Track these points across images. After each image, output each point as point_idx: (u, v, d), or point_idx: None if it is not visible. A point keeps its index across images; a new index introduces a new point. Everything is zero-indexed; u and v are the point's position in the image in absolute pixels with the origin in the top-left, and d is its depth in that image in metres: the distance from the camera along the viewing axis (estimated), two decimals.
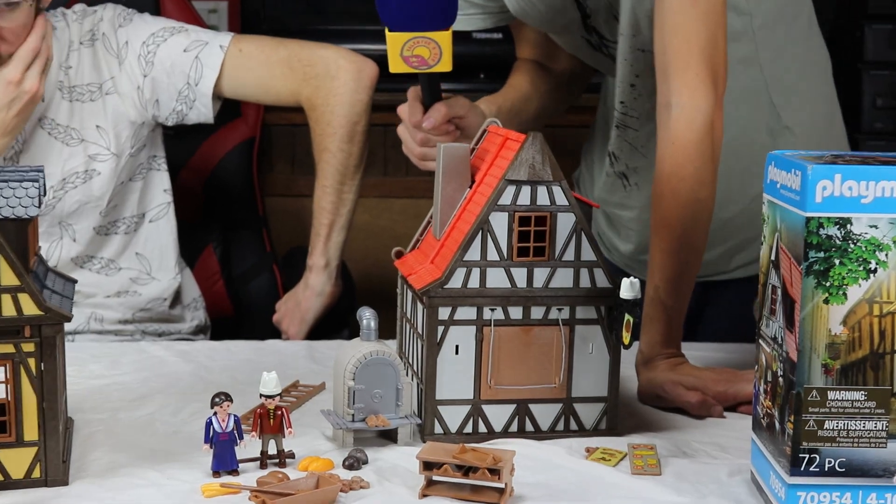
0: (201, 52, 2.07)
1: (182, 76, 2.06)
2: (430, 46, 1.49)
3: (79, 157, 2.05)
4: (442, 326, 1.39)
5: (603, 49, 1.94)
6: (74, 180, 2.05)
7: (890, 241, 1.11)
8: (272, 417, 1.30)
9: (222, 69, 2.07)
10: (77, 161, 2.05)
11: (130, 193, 2.15)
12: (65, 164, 2.04)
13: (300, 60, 2.10)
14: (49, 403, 1.22)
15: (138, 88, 2.07)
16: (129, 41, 2.07)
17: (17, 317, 1.20)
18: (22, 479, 1.22)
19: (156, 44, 2.07)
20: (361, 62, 2.10)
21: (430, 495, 1.22)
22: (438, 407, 1.40)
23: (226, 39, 2.10)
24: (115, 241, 2.15)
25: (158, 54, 2.06)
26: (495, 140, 1.49)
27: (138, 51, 2.06)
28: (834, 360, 1.13)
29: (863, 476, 1.14)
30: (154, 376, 1.66)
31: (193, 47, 2.07)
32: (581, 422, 1.43)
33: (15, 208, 1.23)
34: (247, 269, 2.45)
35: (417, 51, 1.48)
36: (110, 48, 2.07)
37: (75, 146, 2.05)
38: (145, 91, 2.07)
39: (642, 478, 1.29)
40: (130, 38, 2.07)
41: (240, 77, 2.10)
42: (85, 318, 2.09)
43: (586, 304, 1.41)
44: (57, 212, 2.05)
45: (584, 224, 1.40)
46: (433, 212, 1.51)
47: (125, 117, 2.08)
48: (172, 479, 1.26)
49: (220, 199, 2.50)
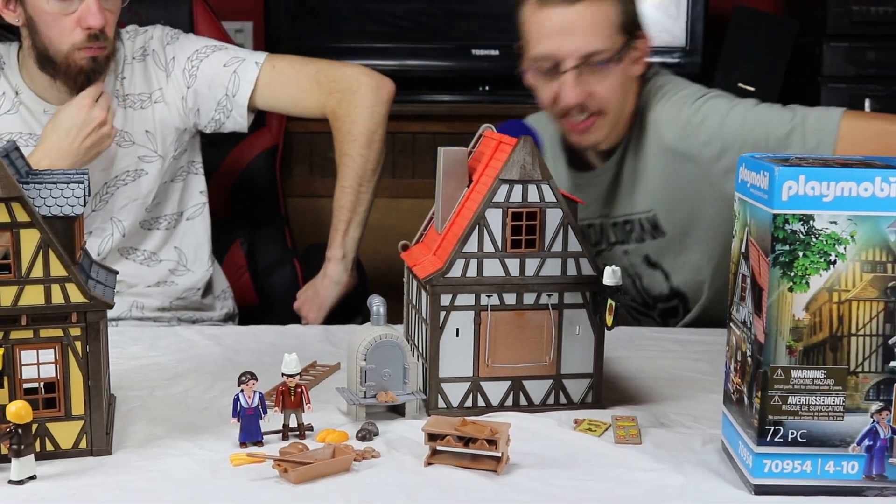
0: (239, 67, 2.08)
1: (221, 88, 2.07)
2: None
3: (130, 158, 2.06)
4: (444, 312, 1.38)
5: None
6: (125, 178, 2.06)
7: (848, 236, 1.10)
8: (293, 394, 1.29)
9: (257, 83, 2.08)
10: (128, 161, 2.06)
11: (172, 193, 2.15)
12: (118, 163, 2.05)
13: (326, 76, 2.10)
14: (94, 382, 1.22)
15: (182, 98, 2.07)
16: (176, 57, 2.08)
17: (65, 304, 1.19)
18: (70, 449, 1.23)
19: (199, 59, 2.07)
20: (379, 79, 2.11)
21: (434, 463, 1.22)
22: (442, 384, 1.39)
23: (261, 57, 2.11)
24: (157, 236, 2.15)
25: (201, 68, 2.07)
26: (490, 144, 1.48)
27: (183, 65, 2.07)
28: (797, 342, 1.12)
29: (822, 446, 1.14)
30: (187, 357, 1.66)
31: (232, 63, 2.08)
32: (569, 396, 1.43)
33: (63, 207, 1.22)
34: (270, 263, 2.45)
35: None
36: (159, 63, 2.07)
37: (127, 148, 2.06)
38: (188, 101, 2.07)
39: (625, 446, 1.29)
40: (177, 54, 2.08)
41: (272, 90, 2.10)
42: (128, 306, 2.09)
43: (573, 290, 1.41)
44: (109, 206, 2.06)
45: (570, 218, 1.39)
46: (435, 209, 1.50)
47: (170, 124, 2.08)
48: (204, 450, 1.26)
49: (246, 199, 2.51)
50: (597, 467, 1.22)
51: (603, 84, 1.74)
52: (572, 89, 1.72)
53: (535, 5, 1.74)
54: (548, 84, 1.76)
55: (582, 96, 1.74)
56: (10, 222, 1.16)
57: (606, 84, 1.74)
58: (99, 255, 2.06)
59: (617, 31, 1.73)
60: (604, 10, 1.72)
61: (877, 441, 1.13)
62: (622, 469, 1.22)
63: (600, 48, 1.71)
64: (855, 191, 1.09)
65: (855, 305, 1.11)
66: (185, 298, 2.17)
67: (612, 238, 2.01)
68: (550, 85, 1.76)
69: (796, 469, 1.14)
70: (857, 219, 1.10)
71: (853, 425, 1.13)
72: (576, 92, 1.73)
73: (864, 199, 1.09)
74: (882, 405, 1.13)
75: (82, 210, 1.24)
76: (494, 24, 3.05)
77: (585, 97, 1.75)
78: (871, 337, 1.12)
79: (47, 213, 1.21)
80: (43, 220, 1.18)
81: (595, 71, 1.73)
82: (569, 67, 1.71)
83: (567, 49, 1.70)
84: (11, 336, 1.18)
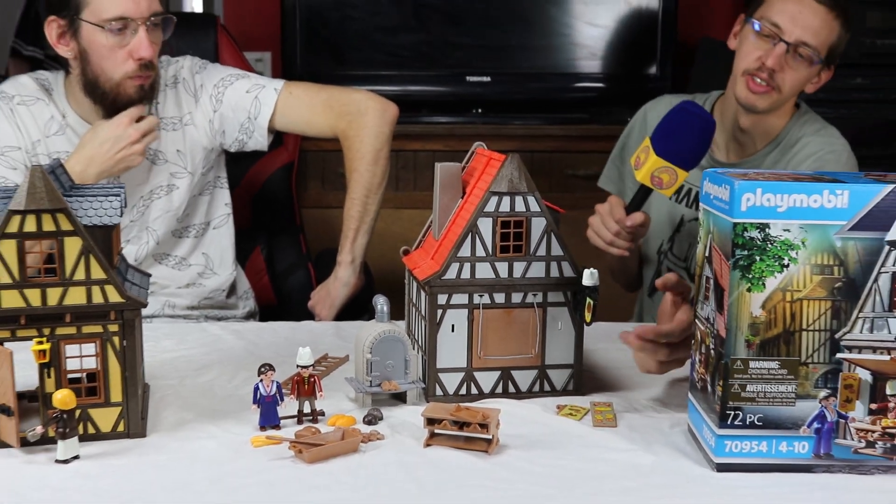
0: (260, 93, 2.08)
1: (244, 112, 2.07)
2: (671, 175, 1.51)
3: (163, 175, 2.06)
4: (441, 310, 1.38)
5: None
6: (160, 192, 2.06)
7: (799, 242, 1.10)
8: (307, 383, 1.29)
9: (276, 107, 2.08)
10: (162, 177, 2.06)
11: (200, 205, 2.15)
12: (153, 179, 2.06)
13: (337, 101, 2.10)
14: (130, 372, 1.22)
15: (210, 121, 2.07)
16: (204, 84, 2.08)
17: (104, 303, 1.20)
18: (109, 431, 1.23)
19: (224, 86, 2.07)
20: (385, 103, 2.11)
21: (432, 445, 1.22)
22: (439, 374, 1.39)
23: (279, 84, 2.11)
24: (187, 243, 2.14)
25: (226, 94, 2.07)
26: (481, 160, 1.48)
27: (210, 92, 2.07)
28: (754, 337, 1.12)
29: (776, 428, 1.14)
30: (213, 351, 1.65)
31: (254, 90, 2.08)
32: (552, 384, 1.43)
33: (102, 217, 1.23)
34: (287, 267, 2.44)
35: (663, 175, 1.50)
36: (189, 90, 2.07)
37: (161, 165, 2.05)
38: (215, 123, 2.07)
39: (602, 429, 1.29)
40: (205, 81, 2.08)
41: (289, 114, 2.10)
42: (161, 305, 2.09)
43: (556, 290, 1.41)
44: (145, 217, 2.06)
45: (552, 226, 1.39)
46: (432, 218, 1.50)
47: (199, 144, 2.08)
48: (227, 433, 1.26)
49: (266, 210, 2.50)
50: (577, 448, 1.23)
51: (794, 71, 1.83)
52: (778, 57, 1.81)
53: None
54: (759, 44, 1.84)
55: (778, 67, 1.82)
56: (56, 231, 1.16)
57: (796, 73, 1.84)
58: (136, 261, 2.06)
59: (826, 47, 1.84)
60: (832, 25, 1.83)
61: (824, 424, 1.14)
62: (600, 449, 1.22)
63: (813, 45, 1.81)
64: (806, 202, 1.10)
65: (806, 304, 1.12)
66: (212, 298, 2.17)
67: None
68: (761, 45, 1.84)
69: (753, 449, 1.15)
70: (807, 227, 1.10)
71: (804, 410, 1.14)
72: (779, 60, 1.82)
73: (814, 210, 1.10)
74: (829, 392, 1.13)
75: (119, 220, 1.24)
76: (486, 53, 3.05)
77: (779, 69, 1.83)
78: (820, 332, 1.12)
79: (88, 222, 1.22)
80: (84, 228, 1.18)
81: (796, 58, 1.82)
82: (787, 41, 1.80)
83: (794, 29, 1.80)
84: (57, 332, 1.19)
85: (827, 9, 1.81)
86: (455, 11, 3.03)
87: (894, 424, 1.13)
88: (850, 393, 1.13)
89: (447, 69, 3.04)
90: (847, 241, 1.10)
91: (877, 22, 2.93)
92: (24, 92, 2.01)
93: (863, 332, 1.12)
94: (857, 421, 1.14)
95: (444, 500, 1.08)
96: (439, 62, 3.05)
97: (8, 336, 1.18)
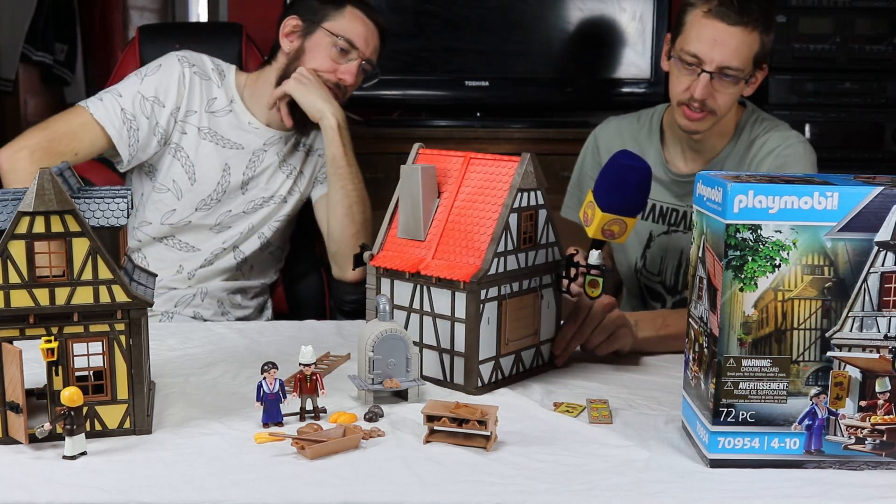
0: None
1: None
2: (621, 225, 1.54)
3: (286, 186, 2.17)
4: (481, 305, 1.39)
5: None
6: (277, 199, 2.17)
7: (791, 243, 1.10)
8: (309, 381, 1.29)
9: None
10: (284, 188, 2.17)
11: (288, 230, 2.26)
12: (275, 186, 2.16)
13: None
14: (136, 370, 1.22)
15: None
16: None
17: (111, 303, 1.19)
18: (116, 428, 1.22)
19: None
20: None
21: (432, 441, 1.22)
22: (479, 366, 1.41)
23: None
24: (262, 256, 2.23)
25: None
26: (448, 161, 1.51)
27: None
28: (747, 336, 1.12)
29: (768, 425, 1.14)
30: (217, 349, 1.65)
31: None
32: (543, 358, 1.50)
33: (109, 219, 1.22)
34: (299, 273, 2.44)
35: (613, 227, 1.54)
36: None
37: (290, 178, 2.18)
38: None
39: (598, 426, 1.29)
40: None
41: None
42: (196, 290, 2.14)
43: (546, 273, 1.49)
44: (252, 217, 2.16)
45: (551, 216, 1.47)
46: (401, 218, 1.50)
47: (313, 176, 2.22)
48: (231, 429, 1.26)
49: None
50: (573, 444, 1.22)
51: (724, 93, 1.83)
52: (704, 87, 1.81)
53: (704, 14, 1.80)
54: (685, 75, 1.84)
55: (707, 95, 1.82)
56: (64, 232, 1.16)
57: (727, 94, 1.83)
58: (225, 242, 2.15)
59: (751, 59, 1.82)
60: (750, 40, 1.80)
61: (815, 421, 1.13)
62: (595, 445, 1.22)
63: (737, 67, 1.80)
64: (797, 204, 1.10)
65: (797, 303, 1.12)
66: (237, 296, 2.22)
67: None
68: (687, 76, 1.84)
69: (746, 445, 1.15)
70: (798, 228, 1.10)
71: (795, 407, 1.13)
72: (706, 91, 1.81)
73: (805, 211, 1.10)
74: (819, 389, 1.13)
75: (126, 221, 1.24)
76: (484, 59, 3.05)
77: (708, 97, 1.83)
78: (811, 330, 1.12)
79: (95, 223, 1.21)
80: (92, 229, 1.18)
81: (723, 81, 1.81)
82: (708, 70, 1.80)
83: (714, 56, 1.79)
84: (65, 331, 1.18)
85: (741, 28, 1.78)
86: (454, 18, 3.04)
87: (883, 421, 1.13)
88: (841, 390, 1.13)
89: (446, 74, 3.04)
90: (837, 242, 1.10)
91: (866, 29, 2.93)
92: (204, 67, 2.12)
93: (852, 330, 1.12)
94: (847, 418, 1.13)
95: (443, 495, 1.07)
96: (439, 67, 3.05)
97: (17, 335, 1.17)
